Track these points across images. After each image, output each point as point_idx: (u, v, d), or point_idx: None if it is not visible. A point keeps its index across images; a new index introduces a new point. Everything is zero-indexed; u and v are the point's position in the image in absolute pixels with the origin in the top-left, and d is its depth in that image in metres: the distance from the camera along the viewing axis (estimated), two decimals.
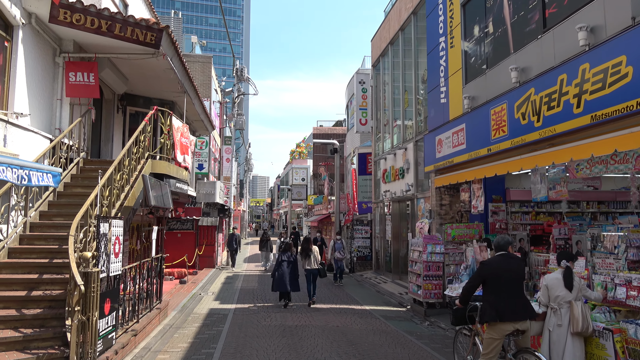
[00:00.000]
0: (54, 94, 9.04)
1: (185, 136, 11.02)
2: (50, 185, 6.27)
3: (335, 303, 11.61)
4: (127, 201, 7.64)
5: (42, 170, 5.71)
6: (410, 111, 14.33)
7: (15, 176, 5.05)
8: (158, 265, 9.12)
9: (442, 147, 10.40)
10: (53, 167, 6.61)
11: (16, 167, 5.16)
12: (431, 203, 12.13)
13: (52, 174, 6.10)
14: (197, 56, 22.81)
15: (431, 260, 10.42)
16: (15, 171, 5.12)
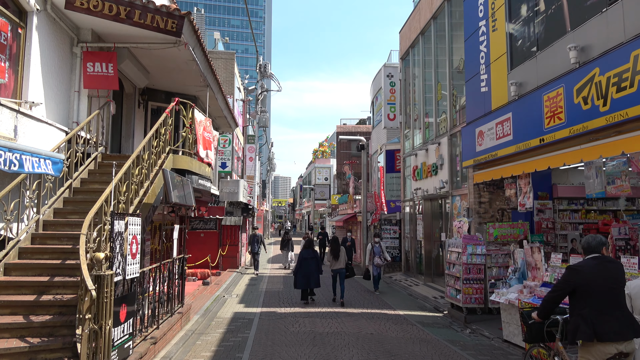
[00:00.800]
0: (72, 86, 8.59)
1: (208, 130, 10.47)
2: (49, 174, 5.57)
3: (366, 307, 10.90)
4: (146, 198, 7.10)
5: (38, 155, 5.02)
6: (444, 104, 13.51)
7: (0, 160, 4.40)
8: (180, 267, 8.59)
9: (484, 139, 9.58)
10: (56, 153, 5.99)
11: (2, 149, 4.47)
12: (469, 201, 11.30)
13: (53, 161, 5.42)
14: (220, 52, 22.40)
15: (471, 262, 9.61)
16: (2, 154, 4.46)
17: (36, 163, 4.92)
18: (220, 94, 13.79)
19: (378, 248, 13.56)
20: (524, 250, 7.82)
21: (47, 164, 5.25)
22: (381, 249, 13.56)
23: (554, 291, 3.99)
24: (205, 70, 11.23)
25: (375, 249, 13.48)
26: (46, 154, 5.35)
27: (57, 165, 5.59)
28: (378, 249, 13.54)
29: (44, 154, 5.22)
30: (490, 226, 9.71)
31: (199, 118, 9.76)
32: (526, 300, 6.95)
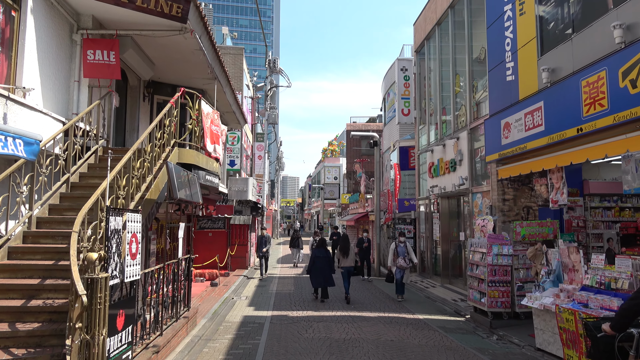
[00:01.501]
0: (71, 75, 8.08)
1: (215, 124, 9.92)
2: (20, 157, 4.84)
3: (383, 311, 10.28)
4: (149, 193, 6.56)
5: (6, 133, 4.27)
6: (463, 96, 12.85)
7: None
8: (186, 268, 8.04)
9: (510, 131, 8.92)
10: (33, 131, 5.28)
11: None
12: (491, 198, 10.65)
13: (25, 141, 4.64)
14: (229, 48, 21.89)
15: (497, 263, 8.96)
16: None
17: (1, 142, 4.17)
18: (228, 88, 13.26)
19: (403, 248, 12.06)
20: (559, 250, 7.17)
21: (18, 144, 4.53)
22: (406, 250, 12.03)
23: (633, 299, 3.34)
24: (213, 61, 10.69)
25: (400, 249, 12.01)
26: (16, 131, 4.65)
27: (32, 147, 4.92)
28: (403, 249, 12.05)
29: (12, 131, 4.54)
30: (517, 225, 9.06)
31: (206, 110, 9.21)
32: (565, 305, 6.30)
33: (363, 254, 15.95)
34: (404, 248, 12.10)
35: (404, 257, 11.84)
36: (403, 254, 11.94)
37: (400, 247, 12.08)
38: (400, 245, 12.13)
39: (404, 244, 12.16)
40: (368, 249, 16.45)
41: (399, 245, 12.12)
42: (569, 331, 6.18)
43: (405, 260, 11.81)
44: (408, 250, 12.04)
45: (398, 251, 12.00)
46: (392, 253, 12.13)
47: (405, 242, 12.21)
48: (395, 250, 12.06)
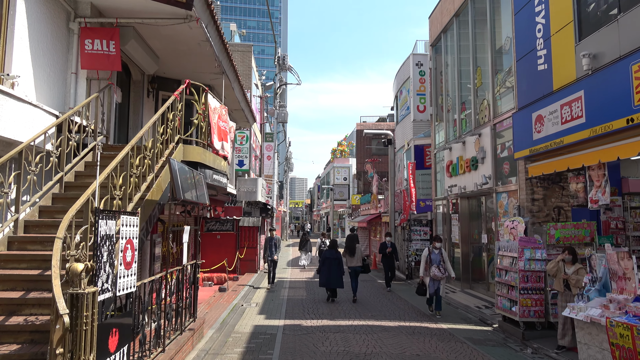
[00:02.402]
0: (68, 67, 7.49)
1: (223, 120, 9.30)
2: None
3: (403, 320, 9.58)
4: (150, 193, 5.93)
5: None
6: (485, 90, 12.11)
7: None
8: (192, 274, 7.41)
9: (544, 125, 8.18)
10: None
11: None
12: (519, 198, 9.90)
13: None
14: (237, 45, 21.32)
15: (530, 268, 8.23)
16: None
17: None
18: (237, 83, 12.65)
19: (437, 255, 10.26)
20: (606, 256, 6.42)
21: None
22: (442, 257, 10.22)
23: None
24: (221, 53, 10.08)
25: (434, 257, 10.26)
26: None
27: None
28: (437, 256, 10.25)
29: None
30: (551, 226, 8.32)
31: (213, 104, 8.58)
32: (618, 319, 5.56)
33: (387, 262, 14.15)
34: (438, 255, 10.31)
35: (438, 266, 10.13)
36: (438, 262, 10.20)
37: (434, 254, 10.31)
38: (435, 252, 10.35)
39: (438, 251, 10.36)
40: (393, 256, 14.32)
41: (432, 252, 10.36)
42: (623, 348, 5.45)
43: (440, 269, 10.12)
44: (444, 258, 10.30)
45: (432, 258, 10.24)
46: (424, 261, 10.36)
47: (440, 249, 10.42)
48: (428, 257, 10.30)
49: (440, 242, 10.71)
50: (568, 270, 7.46)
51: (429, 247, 10.58)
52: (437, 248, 10.41)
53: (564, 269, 7.50)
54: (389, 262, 14.21)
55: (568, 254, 7.52)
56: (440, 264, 10.21)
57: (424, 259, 10.39)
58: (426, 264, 10.30)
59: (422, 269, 10.36)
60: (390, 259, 14.24)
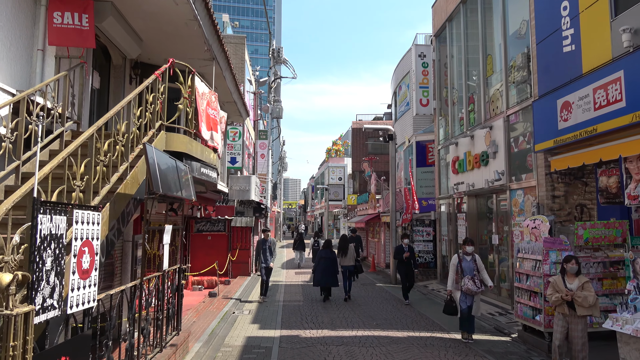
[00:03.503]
0: (34, 43, 6.52)
1: (213, 107, 8.36)
2: None
3: (412, 329, 8.68)
4: (123, 186, 4.98)
5: None
6: (497, 79, 11.26)
7: None
8: (175, 281, 6.46)
9: (572, 112, 7.32)
10: None
11: None
12: (537, 195, 9.05)
13: None
14: (229, 36, 20.35)
15: (556, 273, 7.34)
16: None
17: None
18: (228, 72, 11.68)
19: (470, 263, 8.08)
20: None
21: None
22: (476, 266, 8.07)
23: None
24: (210, 35, 9.13)
25: (466, 265, 8.05)
26: None
27: None
28: (470, 264, 8.07)
29: None
30: (579, 226, 7.46)
31: (201, 89, 7.65)
32: None
33: (404, 269, 11.79)
34: (471, 263, 8.06)
35: (472, 277, 7.91)
36: (471, 271, 7.98)
37: (465, 262, 8.07)
38: (466, 259, 8.08)
39: (471, 257, 8.14)
40: (411, 261, 11.90)
41: (463, 259, 8.09)
42: None
43: (475, 281, 7.89)
44: (478, 267, 8.10)
45: (463, 267, 8.02)
46: (453, 270, 8.14)
47: (473, 255, 8.20)
48: (459, 266, 8.08)
49: (472, 245, 8.30)
50: (571, 285, 6.12)
51: (458, 254, 8.30)
52: (468, 253, 8.15)
53: (565, 283, 6.17)
54: (406, 269, 11.80)
55: (574, 263, 6.21)
56: (475, 274, 7.99)
57: (453, 269, 8.16)
58: (456, 275, 8.08)
59: (451, 282, 8.13)
60: (407, 266, 11.82)
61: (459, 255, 8.25)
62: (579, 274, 6.31)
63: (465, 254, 8.20)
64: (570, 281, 6.14)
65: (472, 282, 7.88)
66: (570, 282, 6.14)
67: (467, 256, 8.16)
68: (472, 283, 7.88)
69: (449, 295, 8.15)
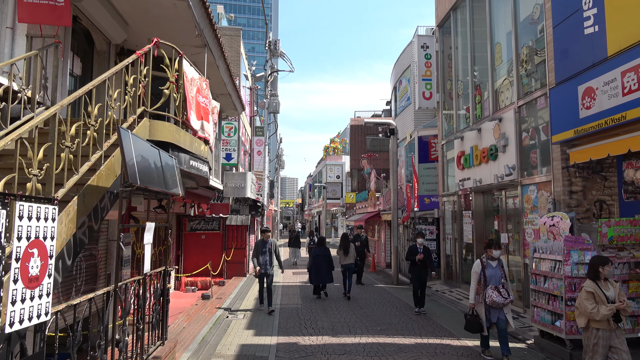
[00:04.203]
0: (2, 20, 5.85)
1: (203, 95, 7.71)
2: None
3: (419, 335, 8.05)
4: (96, 177, 4.33)
5: None
6: (506, 69, 10.64)
7: None
8: (160, 285, 5.81)
9: (596, 99, 6.70)
10: None
11: None
12: (553, 190, 8.43)
13: None
14: (224, 29, 19.69)
15: (578, 274, 6.74)
16: None
17: None
18: (222, 61, 11.02)
19: (497, 270, 6.69)
20: None
21: None
22: (503, 273, 6.73)
23: None
24: (202, 19, 8.49)
25: (491, 273, 6.64)
26: None
27: None
28: (497, 272, 6.67)
29: None
30: (603, 223, 6.86)
31: (190, 74, 6.99)
32: None
33: (417, 273, 10.07)
34: (497, 270, 6.67)
35: (498, 287, 6.54)
36: (498, 280, 6.61)
37: (491, 269, 6.67)
38: (491, 265, 6.70)
39: (497, 263, 6.75)
40: (426, 266, 10.14)
41: (488, 266, 6.70)
42: None
43: (501, 291, 6.52)
44: (505, 274, 6.77)
45: (487, 275, 6.61)
46: (475, 279, 6.72)
47: (499, 260, 6.81)
48: (482, 274, 6.67)
49: (499, 249, 6.83)
50: (608, 292, 5.14)
51: (481, 259, 6.85)
52: (494, 258, 6.76)
53: (603, 293, 5.11)
54: (420, 273, 10.02)
55: (610, 265, 5.28)
56: (503, 282, 6.63)
57: (475, 277, 6.73)
58: (478, 285, 6.68)
59: (473, 293, 6.71)
60: (422, 270, 10.00)
61: (482, 260, 6.81)
62: None
63: (489, 258, 6.79)
64: (605, 287, 5.19)
65: (498, 293, 6.51)
66: (606, 289, 5.17)
67: (492, 261, 6.77)
68: (498, 294, 6.50)
69: (472, 309, 6.71)
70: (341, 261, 12.44)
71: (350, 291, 11.98)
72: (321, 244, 12.24)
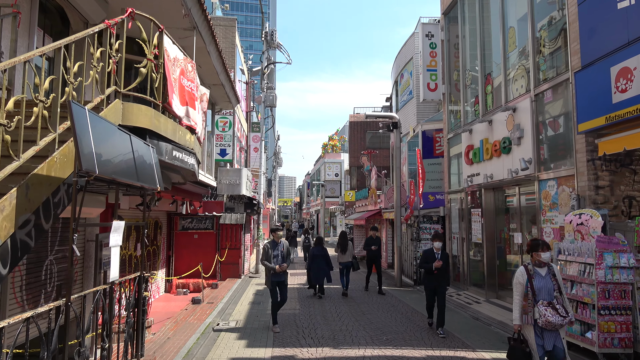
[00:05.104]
0: None
1: (189, 78, 6.89)
2: None
3: (430, 345, 7.25)
4: (45, 165, 3.53)
5: None
6: (520, 55, 9.84)
7: None
8: (134, 294, 4.99)
9: (634, 79, 5.91)
10: None
11: None
12: (576, 185, 7.64)
13: None
14: (219, 19, 18.85)
15: (613, 280, 5.97)
16: None
17: None
18: (214, 46, 10.20)
19: (546, 280, 4.93)
20: None
21: None
22: (557, 284, 4.94)
23: None
24: None
25: (540, 283, 4.90)
26: None
27: None
28: (546, 282, 4.93)
29: None
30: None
31: (172, 52, 6.18)
32: None
33: (434, 284, 8.09)
34: (549, 280, 4.93)
35: (552, 302, 4.81)
36: (549, 293, 4.87)
37: (540, 279, 4.92)
38: (540, 274, 4.96)
39: (547, 271, 4.99)
40: (446, 275, 8.27)
41: (535, 275, 4.95)
42: None
43: (557, 307, 4.76)
44: (559, 284, 4.96)
45: (536, 287, 4.86)
46: (520, 292, 4.95)
47: (550, 267, 5.02)
48: (528, 285, 4.88)
49: (548, 250, 4.97)
50: None
51: (526, 267, 5.00)
52: (542, 264, 4.95)
53: None
54: (436, 283, 8.05)
55: None
56: (556, 296, 4.86)
57: (519, 290, 4.94)
58: (525, 300, 4.90)
59: (518, 311, 4.90)
60: (440, 279, 8.01)
61: (527, 268, 4.98)
62: None
63: (537, 264, 4.97)
64: None
65: (554, 311, 4.69)
66: None
67: (541, 268, 4.96)
68: (554, 312, 4.68)
69: (517, 332, 4.89)
70: (339, 259, 12.60)
71: (347, 287, 12.21)
72: (319, 243, 12.11)
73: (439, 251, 8.09)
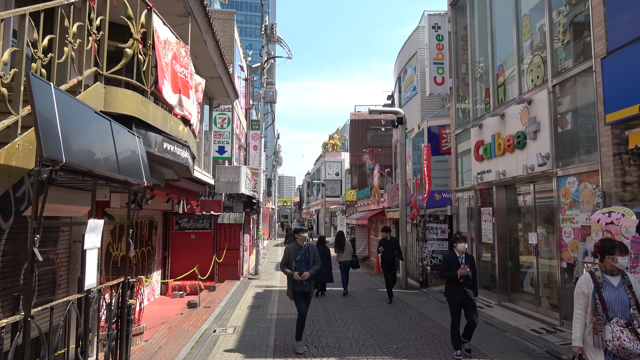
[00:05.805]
0: None
1: (182, 63, 6.32)
2: None
3: (444, 356, 6.68)
4: (3, 153, 2.95)
5: None
6: (536, 44, 9.27)
7: None
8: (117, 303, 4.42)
9: None
10: None
11: None
12: (601, 182, 7.08)
13: None
14: (217, 12, 18.28)
15: None
16: None
17: None
18: (210, 35, 9.63)
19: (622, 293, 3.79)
20: None
21: None
22: (635, 299, 3.73)
23: None
24: None
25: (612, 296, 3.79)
26: None
27: None
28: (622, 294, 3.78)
29: None
30: None
31: (163, 34, 5.60)
32: None
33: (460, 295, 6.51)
34: (623, 291, 3.81)
35: (632, 323, 3.67)
36: (624, 310, 3.75)
37: (611, 291, 3.82)
38: (612, 284, 3.85)
39: (620, 281, 3.86)
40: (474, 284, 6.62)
41: (606, 285, 3.85)
42: None
43: (638, 331, 3.61)
44: (637, 300, 3.74)
45: (607, 300, 3.77)
46: (582, 306, 3.91)
47: (624, 276, 3.88)
48: (596, 297, 3.81)
49: (627, 254, 3.86)
50: None
51: (593, 274, 3.96)
52: (613, 270, 3.89)
53: None
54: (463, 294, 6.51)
55: None
56: (633, 313, 3.72)
57: (581, 303, 3.94)
58: (593, 315, 3.80)
59: (579, 330, 3.90)
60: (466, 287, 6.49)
61: (595, 275, 3.94)
62: None
63: (608, 272, 3.92)
64: None
65: (632, 335, 3.61)
66: None
67: (613, 277, 3.89)
68: (632, 336, 3.61)
69: (578, 356, 3.85)
70: (338, 258, 12.70)
71: (346, 287, 12.20)
72: (321, 243, 12.14)
73: (462, 254, 6.59)
